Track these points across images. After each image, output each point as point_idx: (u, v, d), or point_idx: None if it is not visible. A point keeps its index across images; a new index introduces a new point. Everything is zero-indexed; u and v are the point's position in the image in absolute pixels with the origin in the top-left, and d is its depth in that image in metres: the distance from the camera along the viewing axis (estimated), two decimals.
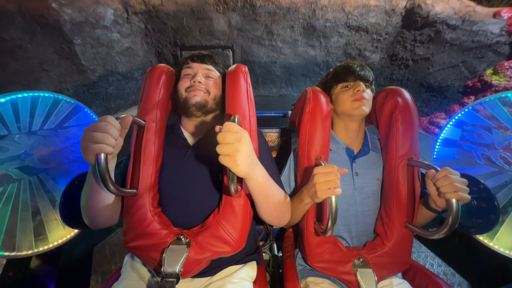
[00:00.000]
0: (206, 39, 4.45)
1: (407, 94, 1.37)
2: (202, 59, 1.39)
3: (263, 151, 1.32)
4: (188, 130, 1.39)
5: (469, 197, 1.02)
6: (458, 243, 1.89)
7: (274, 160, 1.42)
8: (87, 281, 1.99)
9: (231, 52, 4.56)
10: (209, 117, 1.39)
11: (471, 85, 4.16)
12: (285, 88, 4.89)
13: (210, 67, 1.39)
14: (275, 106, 4.28)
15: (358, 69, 1.37)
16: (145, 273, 1.20)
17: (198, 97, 1.28)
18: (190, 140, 1.36)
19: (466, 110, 1.67)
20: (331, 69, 1.51)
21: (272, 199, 1.11)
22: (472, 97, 4.13)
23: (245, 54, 4.62)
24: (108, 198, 1.09)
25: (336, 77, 1.43)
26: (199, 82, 1.30)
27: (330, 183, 1.02)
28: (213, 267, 1.18)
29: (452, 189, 1.00)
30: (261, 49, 4.60)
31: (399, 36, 4.51)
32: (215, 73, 1.41)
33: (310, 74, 4.85)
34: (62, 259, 1.64)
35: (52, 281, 1.60)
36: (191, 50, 4.44)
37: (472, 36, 4.09)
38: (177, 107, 1.39)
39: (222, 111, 1.41)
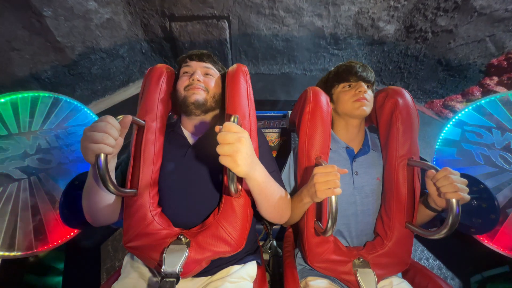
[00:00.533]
0: (198, 8, 4.22)
1: (407, 94, 1.54)
2: (200, 58, 1.57)
3: (263, 149, 1.50)
4: (188, 129, 1.57)
5: (469, 197, 1.17)
6: (455, 239, 2.11)
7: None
8: (96, 278, 2.19)
9: (226, 23, 4.39)
10: (209, 116, 1.56)
11: (496, 63, 3.94)
12: (288, 65, 4.64)
13: (209, 65, 1.57)
14: (276, 85, 4.13)
15: (360, 69, 1.54)
16: (146, 272, 1.36)
17: (197, 95, 1.46)
18: (190, 139, 1.53)
19: (467, 110, 1.83)
20: (333, 68, 1.68)
21: (272, 197, 1.27)
22: (495, 78, 3.91)
23: (243, 25, 4.44)
24: (108, 197, 1.26)
25: (337, 76, 1.61)
26: (198, 80, 1.47)
27: (330, 183, 1.17)
28: (213, 267, 1.35)
29: (452, 189, 1.16)
30: (261, 19, 4.41)
31: (419, 3, 4.24)
32: (214, 71, 1.58)
33: (315, 49, 4.58)
34: (67, 258, 1.82)
35: (59, 279, 1.80)
36: (182, 21, 4.33)
37: (507, 4, 3.83)
38: (177, 107, 1.56)
39: (222, 110, 1.58)
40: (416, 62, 4.28)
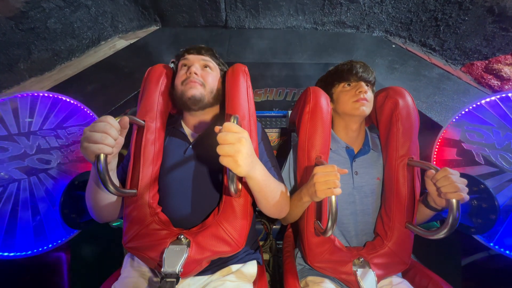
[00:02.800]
0: None
1: (407, 94, 1.52)
2: (199, 51, 1.53)
3: (264, 143, 1.50)
4: (188, 126, 1.55)
5: (468, 197, 1.15)
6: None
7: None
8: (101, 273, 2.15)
9: None
10: (209, 114, 1.54)
11: None
12: (295, 17, 3.51)
13: (208, 58, 1.53)
14: (280, 45, 3.28)
15: (360, 70, 1.53)
16: (146, 272, 1.34)
17: (193, 89, 1.42)
18: (190, 136, 1.52)
19: (467, 109, 1.81)
20: (332, 67, 1.67)
21: (271, 194, 1.25)
22: None
23: None
24: (109, 196, 1.25)
25: (338, 75, 1.60)
26: (195, 73, 1.43)
27: (329, 183, 1.15)
28: (213, 266, 1.33)
29: (452, 189, 1.14)
30: None
31: None
32: (213, 65, 1.55)
33: None
34: (72, 256, 1.80)
35: (65, 278, 1.77)
36: None
37: None
38: (177, 105, 1.55)
39: (222, 108, 1.56)
40: (459, 11, 3.11)
